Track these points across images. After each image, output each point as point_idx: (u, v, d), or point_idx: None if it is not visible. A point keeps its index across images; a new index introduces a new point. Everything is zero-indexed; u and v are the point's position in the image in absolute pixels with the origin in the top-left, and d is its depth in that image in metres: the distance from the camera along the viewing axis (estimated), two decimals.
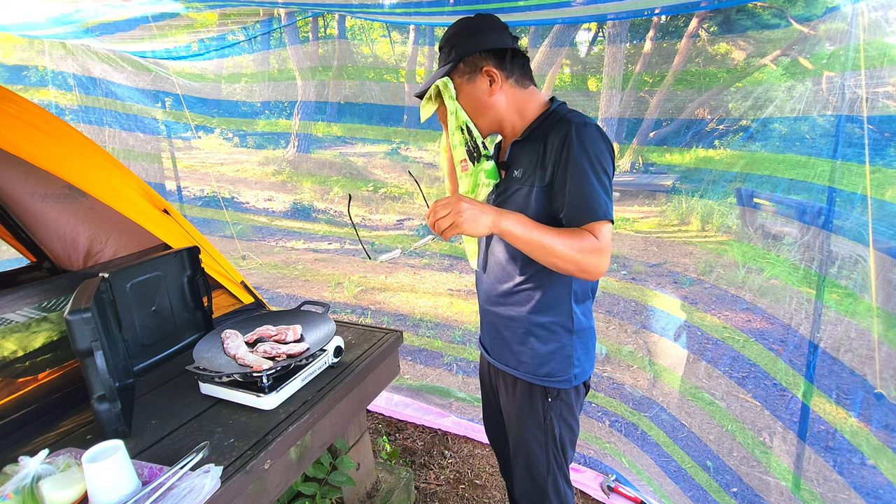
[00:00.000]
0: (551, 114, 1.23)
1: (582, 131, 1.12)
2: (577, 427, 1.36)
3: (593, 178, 1.10)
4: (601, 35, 12.26)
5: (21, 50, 5.86)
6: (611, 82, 6.82)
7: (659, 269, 5.07)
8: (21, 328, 1.60)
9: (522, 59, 1.26)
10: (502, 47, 1.21)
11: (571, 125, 1.12)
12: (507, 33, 1.23)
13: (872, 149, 1.85)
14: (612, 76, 6.78)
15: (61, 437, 1.26)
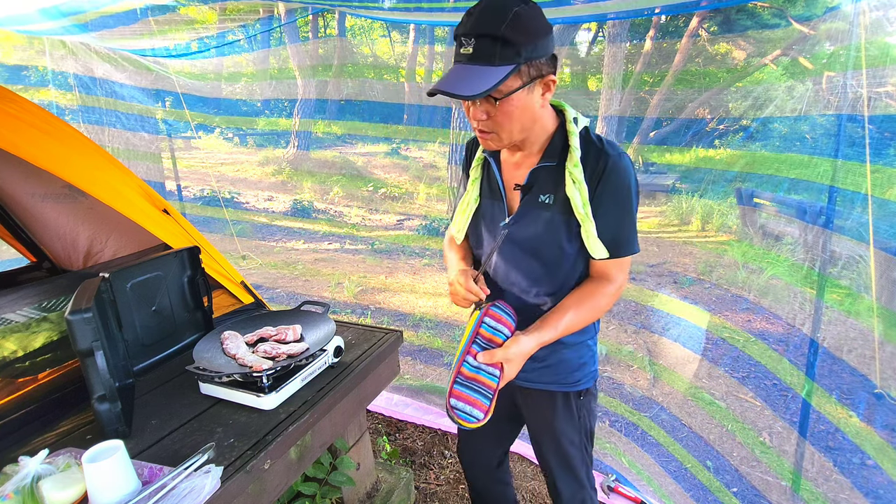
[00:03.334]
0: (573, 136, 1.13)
1: (619, 164, 1.10)
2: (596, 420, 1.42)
3: (629, 214, 1.12)
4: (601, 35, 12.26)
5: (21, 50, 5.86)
6: (611, 82, 6.83)
7: (659, 269, 5.07)
8: (21, 328, 1.59)
9: None
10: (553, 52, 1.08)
11: (609, 158, 1.09)
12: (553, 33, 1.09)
13: (873, 148, 1.85)
14: (613, 76, 6.79)
15: (61, 437, 1.26)
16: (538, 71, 1.02)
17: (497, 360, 1.08)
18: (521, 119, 1.07)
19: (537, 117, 1.10)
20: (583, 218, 1.10)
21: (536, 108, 1.08)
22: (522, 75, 1.01)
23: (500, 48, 0.97)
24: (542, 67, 1.03)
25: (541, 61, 1.02)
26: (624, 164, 1.10)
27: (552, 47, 1.05)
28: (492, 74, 0.97)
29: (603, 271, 1.17)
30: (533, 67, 1.01)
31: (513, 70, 0.98)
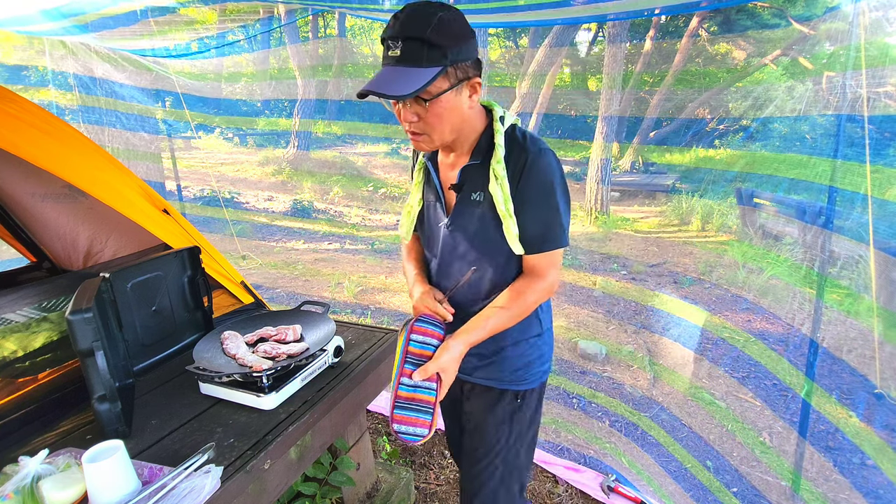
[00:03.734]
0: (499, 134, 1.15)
1: (539, 160, 1.11)
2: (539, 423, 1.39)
3: (554, 208, 1.12)
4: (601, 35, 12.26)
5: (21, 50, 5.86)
6: (611, 82, 6.82)
7: (659, 269, 5.07)
8: (21, 328, 1.60)
9: None
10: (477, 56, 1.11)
11: (529, 154, 1.11)
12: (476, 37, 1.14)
13: (873, 148, 1.85)
14: (613, 76, 6.78)
15: (61, 437, 1.26)
16: (464, 73, 1.06)
17: (431, 374, 1.10)
18: (450, 120, 1.10)
19: (466, 118, 1.13)
20: (503, 214, 1.12)
21: (464, 109, 1.11)
22: (450, 77, 1.04)
23: (427, 51, 1.00)
24: (468, 70, 1.07)
25: (466, 64, 1.06)
26: (545, 159, 1.11)
27: (476, 52, 1.08)
28: (420, 76, 1.00)
29: (532, 267, 1.17)
30: (459, 70, 1.05)
31: (440, 72, 1.01)
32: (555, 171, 1.13)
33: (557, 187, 1.13)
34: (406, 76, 1.00)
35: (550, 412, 2.86)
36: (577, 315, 4.17)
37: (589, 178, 6.81)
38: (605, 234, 6.22)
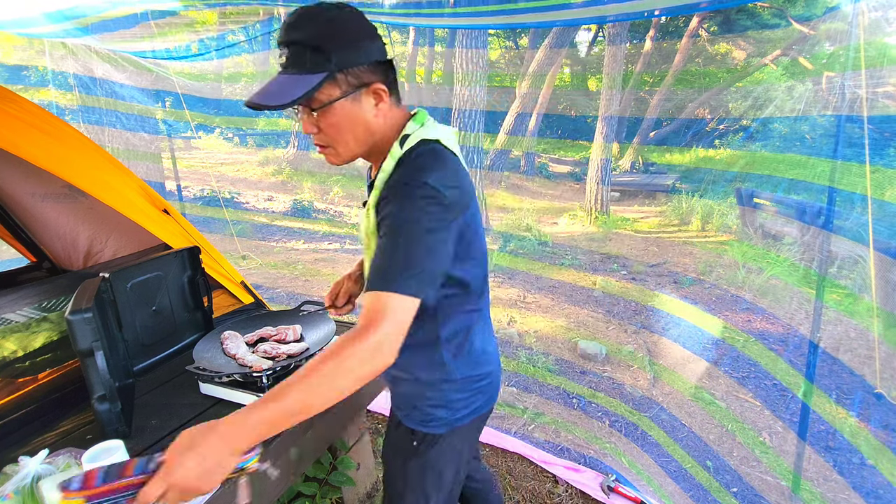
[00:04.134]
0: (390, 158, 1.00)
1: (400, 192, 0.92)
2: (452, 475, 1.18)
3: (399, 247, 0.88)
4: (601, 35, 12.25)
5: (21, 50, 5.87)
6: (611, 82, 6.83)
7: (659, 269, 5.07)
8: (21, 328, 1.60)
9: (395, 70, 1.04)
10: (387, 58, 0.99)
11: (396, 185, 0.93)
12: (381, 40, 1.00)
13: (872, 149, 1.85)
14: (612, 76, 6.79)
15: (61, 437, 1.26)
16: (358, 79, 0.94)
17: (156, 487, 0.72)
18: (352, 131, 0.99)
19: (373, 129, 1.00)
20: (364, 244, 1.01)
21: (369, 118, 0.98)
22: (340, 84, 0.93)
23: (311, 55, 0.91)
24: (363, 75, 0.95)
25: (360, 69, 0.94)
26: (406, 192, 0.91)
27: (377, 54, 0.96)
28: (303, 83, 0.90)
29: (363, 311, 0.87)
30: (351, 76, 0.93)
31: (325, 78, 0.90)
32: (413, 209, 0.89)
33: (411, 225, 0.89)
34: (289, 85, 0.91)
35: (550, 412, 2.86)
36: (577, 315, 4.18)
37: (589, 178, 6.82)
38: (605, 234, 6.23)
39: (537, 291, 4.64)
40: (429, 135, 0.99)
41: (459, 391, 1.11)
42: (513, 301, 4.42)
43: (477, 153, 6.06)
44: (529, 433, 2.64)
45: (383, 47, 0.98)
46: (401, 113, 1.05)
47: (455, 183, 0.94)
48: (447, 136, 1.03)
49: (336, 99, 0.94)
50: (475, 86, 5.77)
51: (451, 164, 0.97)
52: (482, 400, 1.16)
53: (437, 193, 0.90)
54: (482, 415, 1.19)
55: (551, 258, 5.45)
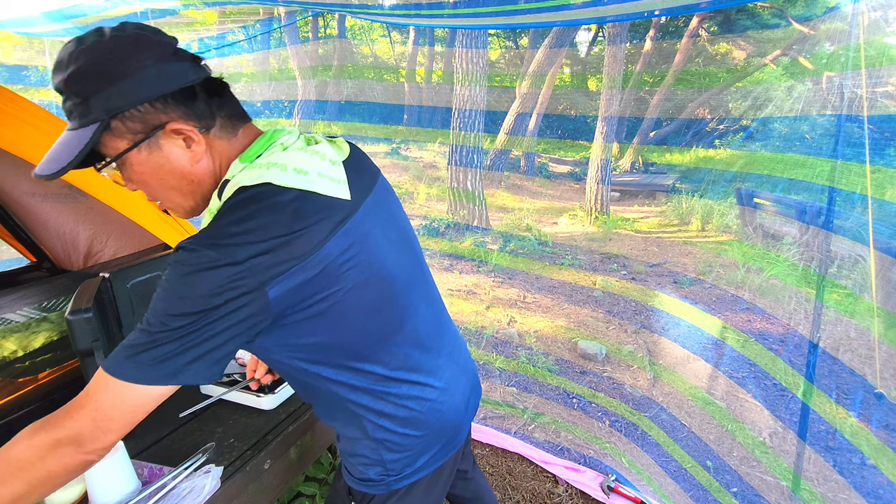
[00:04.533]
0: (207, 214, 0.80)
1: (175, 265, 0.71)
2: None
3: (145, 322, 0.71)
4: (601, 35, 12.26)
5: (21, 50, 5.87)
6: (611, 82, 6.83)
7: (659, 269, 5.07)
8: (21, 328, 1.60)
9: (222, 90, 0.81)
10: (185, 84, 0.74)
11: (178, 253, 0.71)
12: (182, 56, 0.76)
13: (872, 148, 1.85)
14: (612, 76, 6.79)
15: None
16: (143, 122, 0.73)
17: None
18: (166, 184, 0.79)
19: (197, 177, 0.79)
20: None
21: (184, 166, 0.77)
22: (120, 133, 0.73)
23: (74, 103, 0.72)
24: (148, 116, 0.73)
25: (142, 109, 0.72)
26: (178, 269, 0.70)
27: (163, 84, 0.73)
28: (76, 141, 0.72)
29: None
30: (130, 120, 0.73)
31: (98, 130, 0.71)
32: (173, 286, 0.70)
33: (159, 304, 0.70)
34: (66, 144, 0.73)
35: (550, 412, 2.86)
36: (577, 315, 4.18)
37: (589, 178, 6.82)
38: (605, 234, 6.23)
39: (537, 291, 4.65)
40: (253, 178, 0.74)
41: (390, 452, 0.92)
42: (513, 301, 4.42)
43: (477, 153, 6.06)
44: (529, 433, 2.64)
45: (182, 70, 0.74)
46: (245, 143, 0.82)
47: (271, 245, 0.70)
48: (299, 163, 0.78)
49: (123, 152, 0.74)
50: (475, 86, 5.77)
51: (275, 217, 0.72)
52: (430, 454, 0.96)
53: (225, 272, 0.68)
54: (435, 470, 0.98)
55: (551, 258, 5.46)
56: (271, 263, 0.70)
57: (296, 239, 0.72)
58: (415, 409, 0.92)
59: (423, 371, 0.93)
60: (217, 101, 0.79)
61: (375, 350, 0.86)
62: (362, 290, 0.81)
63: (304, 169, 0.77)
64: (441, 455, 0.98)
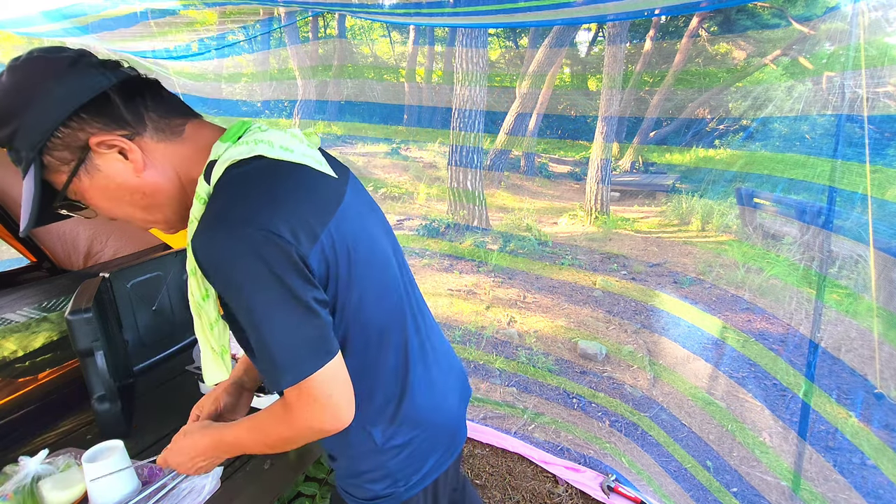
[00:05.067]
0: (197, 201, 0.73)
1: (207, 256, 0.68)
2: None
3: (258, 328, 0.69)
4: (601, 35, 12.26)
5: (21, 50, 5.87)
6: (611, 82, 6.83)
7: (659, 269, 5.07)
8: (21, 328, 1.60)
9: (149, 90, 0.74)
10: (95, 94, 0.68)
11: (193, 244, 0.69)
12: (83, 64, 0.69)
13: (873, 148, 1.85)
14: (612, 76, 6.79)
15: (61, 437, 1.26)
16: (69, 148, 0.69)
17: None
18: (122, 202, 0.75)
19: (148, 188, 0.74)
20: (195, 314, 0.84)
21: (131, 179, 0.72)
22: (54, 166, 0.71)
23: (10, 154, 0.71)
24: (70, 139, 0.68)
25: (60, 134, 0.68)
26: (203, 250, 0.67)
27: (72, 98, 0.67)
28: (28, 191, 0.72)
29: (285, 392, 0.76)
30: (56, 149, 0.69)
31: (36, 170, 0.70)
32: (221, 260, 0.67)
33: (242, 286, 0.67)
34: (26, 195, 0.73)
35: (550, 412, 2.86)
36: (577, 315, 4.17)
37: (589, 178, 6.82)
38: (605, 234, 6.22)
39: (537, 291, 4.64)
40: (243, 152, 0.72)
41: (392, 461, 0.89)
42: (513, 301, 4.42)
43: (477, 153, 6.06)
44: (529, 433, 2.64)
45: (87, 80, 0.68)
46: (197, 141, 0.76)
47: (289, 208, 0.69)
48: (283, 142, 0.76)
49: (66, 185, 0.71)
50: (475, 86, 5.77)
51: (281, 182, 0.71)
52: (434, 458, 0.94)
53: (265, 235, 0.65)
54: (439, 477, 0.95)
55: (551, 258, 5.45)
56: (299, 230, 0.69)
57: (310, 207, 0.72)
58: (418, 406, 0.90)
59: (422, 364, 0.92)
60: (143, 101, 0.72)
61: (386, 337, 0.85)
62: (370, 268, 0.81)
63: (289, 147, 0.76)
64: (444, 458, 0.96)
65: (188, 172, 0.75)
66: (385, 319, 0.85)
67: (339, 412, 0.74)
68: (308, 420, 0.73)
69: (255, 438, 0.82)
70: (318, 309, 0.71)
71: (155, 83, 0.76)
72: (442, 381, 0.97)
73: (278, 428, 0.77)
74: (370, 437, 0.88)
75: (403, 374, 0.89)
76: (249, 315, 0.68)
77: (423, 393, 0.92)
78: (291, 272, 0.67)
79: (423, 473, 0.92)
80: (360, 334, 0.81)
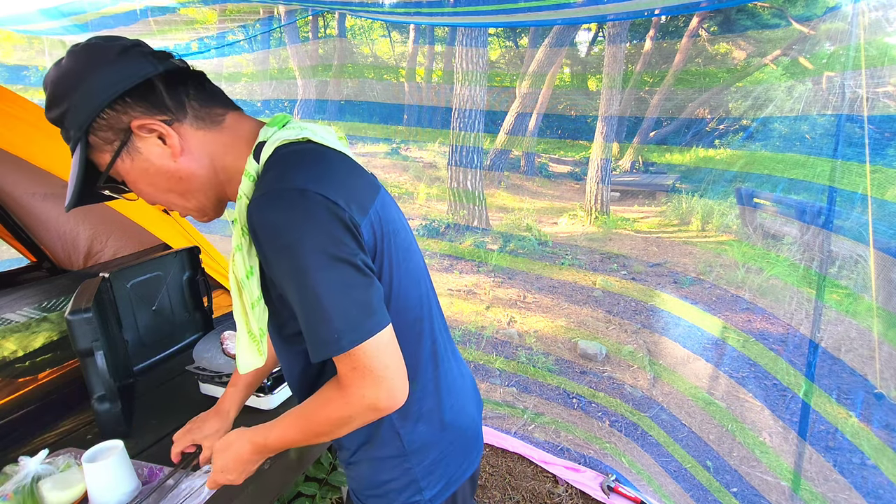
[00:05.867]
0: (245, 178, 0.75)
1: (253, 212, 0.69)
2: None
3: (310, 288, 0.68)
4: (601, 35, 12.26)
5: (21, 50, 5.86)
6: (611, 82, 6.83)
7: (659, 269, 5.07)
8: (21, 328, 1.59)
9: (193, 80, 0.79)
10: (140, 80, 0.72)
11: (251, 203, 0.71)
12: (133, 53, 0.73)
13: (873, 148, 1.85)
14: (612, 76, 6.79)
15: (61, 437, 1.26)
16: (113, 129, 0.73)
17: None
18: (160, 186, 0.78)
19: (184, 173, 0.77)
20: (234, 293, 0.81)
21: (169, 166, 0.75)
22: (99, 146, 0.75)
23: (62, 133, 0.77)
24: (114, 121, 0.72)
25: (105, 116, 0.72)
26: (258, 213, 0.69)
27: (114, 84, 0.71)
28: (73, 168, 0.76)
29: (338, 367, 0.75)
30: (101, 130, 0.73)
31: (82, 149, 0.74)
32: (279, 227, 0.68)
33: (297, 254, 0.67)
34: (72, 172, 0.77)
35: (550, 412, 2.86)
36: (577, 315, 4.18)
37: (589, 178, 6.82)
38: (605, 234, 6.23)
39: (537, 291, 4.64)
40: (291, 135, 0.76)
41: (417, 468, 0.88)
42: (513, 301, 4.42)
43: (477, 153, 6.06)
44: (529, 433, 2.64)
45: (135, 66, 0.72)
46: (237, 131, 0.79)
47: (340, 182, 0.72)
48: (324, 134, 0.80)
49: (109, 164, 0.75)
50: (475, 85, 5.77)
51: (330, 161, 0.75)
52: (459, 464, 0.93)
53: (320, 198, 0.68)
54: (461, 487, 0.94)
55: (551, 258, 5.45)
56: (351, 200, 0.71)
57: (358, 184, 0.76)
58: (446, 407, 0.90)
59: (446, 363, 0.93)
60: (185, 90, 0.76)
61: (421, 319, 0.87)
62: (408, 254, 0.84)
63: (327, 139, 0.80)
64: (467, 467, 0.95)
65: (223, 160, 0.78)
66: (417, 309, 0.86)
67: (395, 388, 0.73)
68: (365, 395, 0.72)
69: (305, 428, 0.80)
70: (369, 272, 0.72)
71: (200, 75, 0.81)
72: (461, 385, 0.97)
73: (332, 410, 0.76)
74: (398, 437, 0.87)
75: (434, 367, 0.89)
76: (303, 276, 0.68)
77: (451, 392, 0.92)
78: (346, 233, 0.69)
79: (447, 482, 0.91)
80: (398, 318, 0.80)
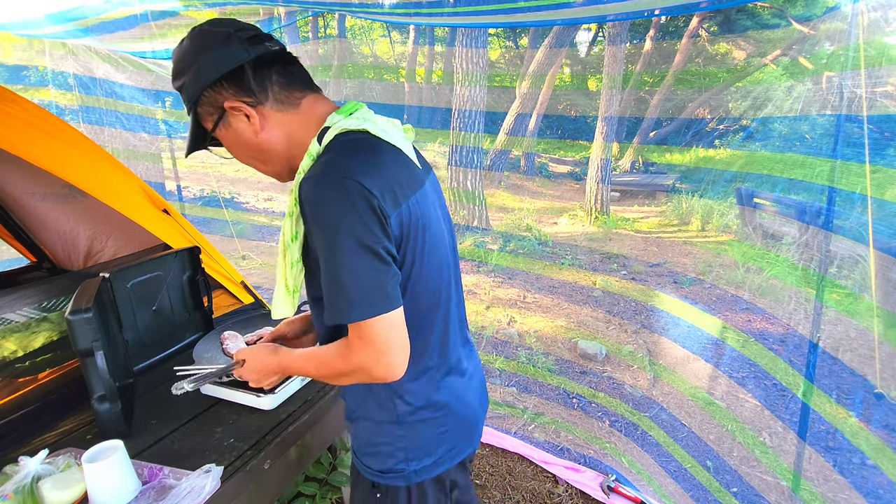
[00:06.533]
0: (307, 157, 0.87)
1: (303, 190, 0.80)
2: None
3: (330, 263, 0.80)
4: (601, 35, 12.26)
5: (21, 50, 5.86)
6: (611, 82, 6.83)
7: (659, 269, 5.07)
8: (21, 328, 1.59)
9: (278, 65, 0.90)
10: (234, 66, 0.85)
11: (302, 182, 0.82)
12: (233, 40, 0.86)
13: (872, 148, 1.85)
14: (612, 76, 6.79)
15: (61, 437, 1.26)
16: (213, 105, 0.88)
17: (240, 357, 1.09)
18: (248, 155, 0.94)
19: (268, 147, 0.91)
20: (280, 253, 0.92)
21: (252, 139, 0.90)
22: (204, 116, 0.91)
23: (181, 98, 0.92)
24: (213, 98, 0.87)
25: (209, 93, 0.87)
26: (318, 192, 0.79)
27: (215, 68, 0.85)
28: (189, 127, 0.94)
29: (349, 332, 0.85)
30: (204, 105, 0.89)
31: (193, 115, 0.91)
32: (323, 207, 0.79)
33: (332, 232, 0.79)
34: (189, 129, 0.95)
35: (550, 412, 2.86)
36: (577, 315, 4.18)
37: (589, 178, 6.82)
38: (605, 234, 6.23)
39: (537, 291, 4.65)
40: (353, 125, 0.86)
41: (408, 437, 0.95)
42: (513, 301, 4.42)
43: (477, 153, 6.06)
44: (529, 433, 2.64)
45: (232, 53, 0.85)
46: (311, 113, 0.91)
47: (383, 174, 0.82)
48: (385, 127, 0.91)
49: (212, 130, 0.91)
50: (475, 86, 5.77)
51: (380, 154, 0.85)
52: (449, 446, 0.99)
53: (359, 187, 0.78)
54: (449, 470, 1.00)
55: (551, 258, 5.46)
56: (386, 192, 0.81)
57: (398, 179, 0.85)
58: (444, 392, 0.98)
59: (457, 354, 1.02)
60: (269, 75, 0.88)
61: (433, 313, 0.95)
62: (434, 247, 0.93)
63: (388, 131, 0.90)
64: (457, 451, 1.01)
65: (297, 137, 0.91)
66: (434, 299, 0.95)
67: (393, 363, 0.83)
68: (363, 360, 0.83)
69: (314, 368, 0.94)
70: (389, 260, 0.82)
71: (287, 57, 0.92)
72: (467, 378, 1.05)
73: (336, 361, 0.88)
74: (394, 407, 0.95)
75: (441, 355, 0.97)
76: (332, 253, 0.79)
77: (452, 381, 1.00)
78: (374, 220, 0.79)
79: (435, 460, 0.98)
80: (413, 304, 0.90)
